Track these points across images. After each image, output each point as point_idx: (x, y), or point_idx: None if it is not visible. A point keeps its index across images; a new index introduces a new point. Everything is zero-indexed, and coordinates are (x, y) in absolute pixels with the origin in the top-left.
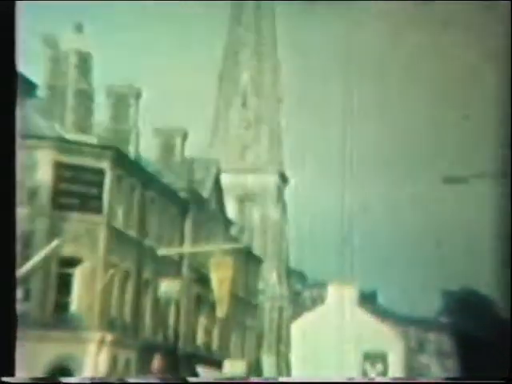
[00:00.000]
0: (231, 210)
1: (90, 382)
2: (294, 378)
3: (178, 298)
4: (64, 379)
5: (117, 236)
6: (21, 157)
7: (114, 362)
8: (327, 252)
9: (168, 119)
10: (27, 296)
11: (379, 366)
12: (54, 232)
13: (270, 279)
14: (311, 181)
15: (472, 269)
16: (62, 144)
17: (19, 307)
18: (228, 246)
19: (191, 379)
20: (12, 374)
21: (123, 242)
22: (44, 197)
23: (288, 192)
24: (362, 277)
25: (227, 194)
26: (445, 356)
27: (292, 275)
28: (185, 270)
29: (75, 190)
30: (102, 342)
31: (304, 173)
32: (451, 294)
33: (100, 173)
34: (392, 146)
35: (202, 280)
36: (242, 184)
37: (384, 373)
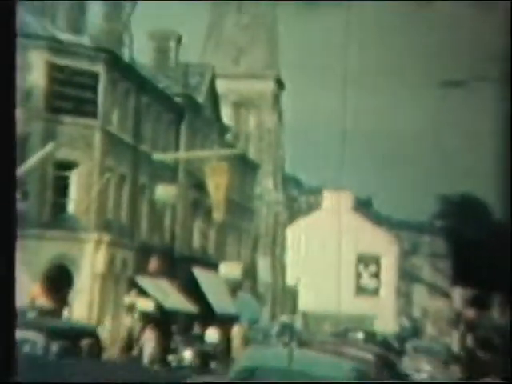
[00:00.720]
0: (227, 116)
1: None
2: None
3: (174, 203)
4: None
5: (112, 140)
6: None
7: (111, 261)
8: (324, 159)
9: (162, 23)
10: (25, 196)
11: (372, 268)
12: (49, 135)
13: (266, 185)
14: (309, 88)
15: (470, 172)
16: (55, 44)
17: (17, 206)
18: (224, 151)
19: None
20: (12, 374)
21: (118, 146)
22: (38, 99)
23: (285, 98)
24: (357, 183)
25: (223, 99)
26: (438, 258)
27: (288, 181)
28: (180, 175)
29: (69, 93)
30: (99, 241)
31: (302, 80)
32: (447, 198)
33: (94, 76)
34: (392, 56)
35: (198, 185)
36: (237, 90)
37: (377, 274)
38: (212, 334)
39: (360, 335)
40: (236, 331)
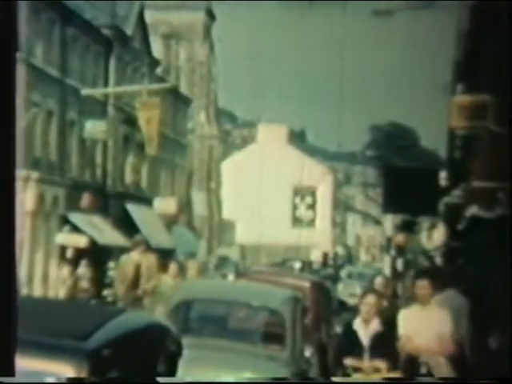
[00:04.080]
0: (156, 48)
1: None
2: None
3: (105, 139)
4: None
5: (37, 74)
6: None
7: (40, 198)
8: (256, 93)
9: None
10: None
11: (308, 199)
12: None
13: (199, 119)
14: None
15: (398, 104)
16: None
17: None
18: (154, 86)
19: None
20: (12, 374)
21: (44, 80)
22: None
23: (216, 31)
24: (291, 115)
25: (152, 31)
26: (370, 186)
27: (221, 115)
28: (110, 110)
29: None
30: (27, 179)
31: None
32: (378, 128)
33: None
34: None
35: (129, 120)
36: (167, 21)
37: (312, 206)
38: (86, 271)
39: (297, 265)
40: (191, 263)
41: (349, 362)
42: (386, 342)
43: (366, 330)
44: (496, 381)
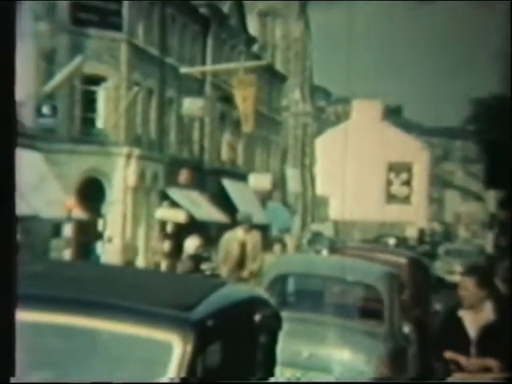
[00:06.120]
0: (253, 26)
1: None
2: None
3: (202, 116)
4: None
5: (138, 54)
6: None
7: (141, 174)
8: (351, 69)
9: None
10: (54, 112)
11: (403, 176)
12: (75, 49)
13: (294, 96)
14: None
15: (501, 75)
16: None
17: (46, 121)
18: (250, 63)
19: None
20: (12, 374)
21: (145, 59)
22: (62, 11)
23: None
24: (387, 91)
25: (248, 9)
26: (470, 162)
27: (316, 92)
28: (208, 88)
29: (94, 5)
30: (129, 155)
31: None
32: (478, 101)
33: None
34: None
35: (226, 98)
36: None
37: (408, 182)
38: (191, 245)
39: (392, 241)
40: (289, 239)
41: (450, 356)
42: (499, 336)
43: (474, 318)
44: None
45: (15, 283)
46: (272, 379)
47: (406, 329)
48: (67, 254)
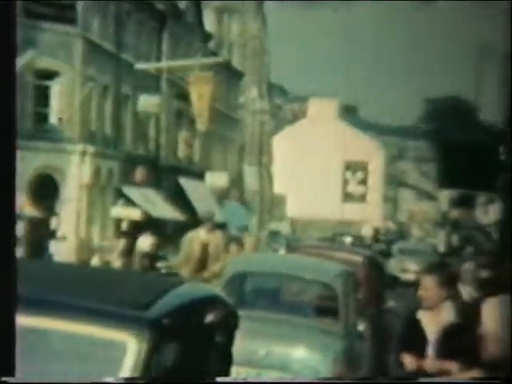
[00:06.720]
0: (209, 23)
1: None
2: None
3: (158, 113)
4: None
5: (93, 49)
6: None
7: (96, 172)
8: (309, 67)
9: None
10: None
11: (359, 174)
12: (27, 43)
13: (251, 93)
14: None
15: (454, 77)
16: None
17: None
18: (207, 60)
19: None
20: (12, 374)
21: (100, 55)
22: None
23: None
24: (343, 90)
25: (205, 5)
26: (424, 161)
27: (273, 90)
28: (163, 85)
29: None
30: (84, 153)
31: None
32: (432, 101)
33: None
34: None
35: (182, 95)
36: None
37: (364, 181)
38: (144, 243)
39: (348, 240)
40: (248, 238)
41: (408, 359)
42: (459, 337)
43: (433, 319)
44: (497, 380)
45: (15, 284)
46: (228, 378)
47: (361, 326)
48: (19, 253)
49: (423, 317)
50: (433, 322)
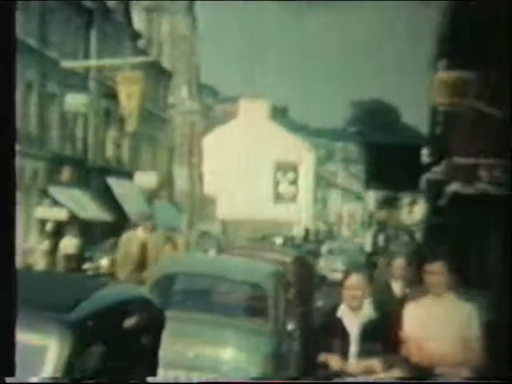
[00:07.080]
0: (139, 21)
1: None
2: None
3: (86, 112)
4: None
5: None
6: None
7: (21, 172)
8: (239, 68)
9: None
10: None
11: (290, 175)
12: None
13: (181, 94)
14: None
15: (381, 80)
16: None
17: None
18: (136, 59)
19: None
20: (12, 374)
21: (23, 51)
22: None
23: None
24: (273, 92)
25: (134, 4)
26: (352, 163)
27: (203, 90)
28: (91, 83)
29: None
30: None
31: None
32: (359, 105)
33: None
34: None
35: (110, 94)
36: None
37: (295, 181)
38: (67, 244)
39: (279, 240)
40: (179, 238)
41: (332, 360)
42: (380, 334)
43: (353, 317)
44: (497, 380)
45: (15, 283)
46: (158, 379)
47: (290, 326)
48: None
49: (344, 315)
50: (353, 319)
